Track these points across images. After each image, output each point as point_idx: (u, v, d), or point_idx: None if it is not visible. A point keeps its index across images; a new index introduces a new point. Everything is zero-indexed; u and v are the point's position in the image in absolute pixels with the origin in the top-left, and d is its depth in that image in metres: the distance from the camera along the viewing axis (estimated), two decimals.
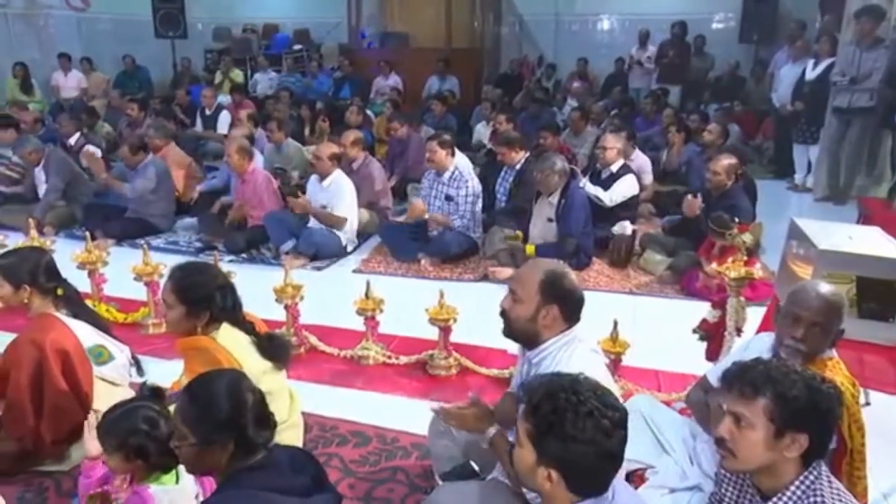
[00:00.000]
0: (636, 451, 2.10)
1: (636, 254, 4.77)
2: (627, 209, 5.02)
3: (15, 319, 3.50)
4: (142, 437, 1.80)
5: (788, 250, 2.82)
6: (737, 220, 3.56)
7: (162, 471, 1.84)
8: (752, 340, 2.26)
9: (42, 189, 5.45)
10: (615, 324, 2.85)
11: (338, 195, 4.82)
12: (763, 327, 2.83)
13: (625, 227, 4.71)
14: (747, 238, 3.17)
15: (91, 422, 1.96)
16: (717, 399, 1.80)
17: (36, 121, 6.78)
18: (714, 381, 2.09)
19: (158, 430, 1.82)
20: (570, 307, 1.88)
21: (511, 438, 1.91)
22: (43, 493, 2.33)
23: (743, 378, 1.49)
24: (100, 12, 11.17)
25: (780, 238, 3.00)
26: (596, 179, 5.13)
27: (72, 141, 6.36)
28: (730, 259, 2.88)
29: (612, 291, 4.30)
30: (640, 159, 6.03)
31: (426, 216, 4.82)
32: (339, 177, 4.88)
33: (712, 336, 2.92)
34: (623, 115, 8.27)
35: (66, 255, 3.58)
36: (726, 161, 4.37)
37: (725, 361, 2.05)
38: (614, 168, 5.05)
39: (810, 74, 6.81)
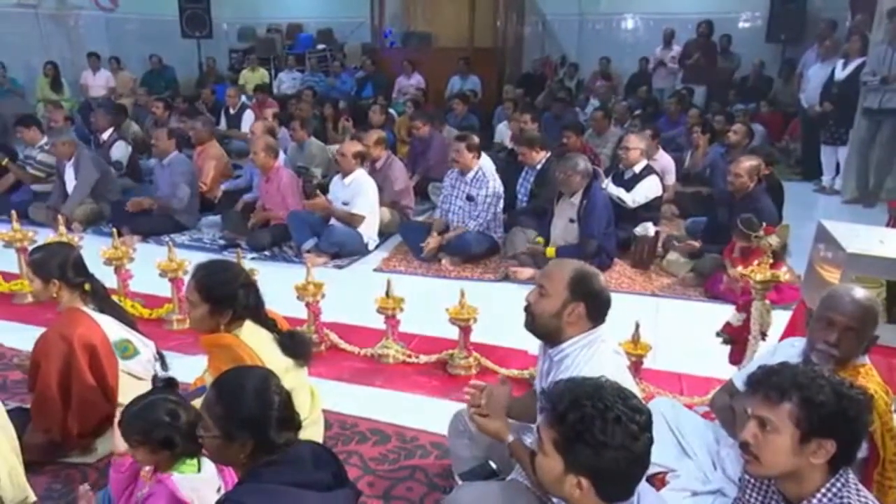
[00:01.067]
0: (658, 454, 2.08)
1: (659, 255, 4.73)
2: (650, 210, 4.97)
3: (44, 314, 3.59)
4: (165, 429, 1.82)
5: (816, 253, 2.77)
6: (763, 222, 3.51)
7: (187, 456, 1.87)
8: (780, 345, 2.23)
9: (71, 186, 5.55)
10: (637, 326, 2.83)
11: (358, 193, 4.84)
12: (788, 331, 2.78)
13: (647, 229, 4.66)
14: (773, 240, 3.12)
15: (118, 419, 1.99)
16: (743, 403, 1.78)
17: (66, 119, 6.91)
18: (740, 384, 2.07)
19: (180, 420, 1.85)
20: (596, 307, 1.86)
21: (528, 440, 1.91)
22: (69, 485, 2.37)
23: (769, 382, 1.46)
24: (128, 12, 11.38)
25: (807, 241, 2.95)
26: (618, 180, 5.09)
27: (104, 136, 6.48)
28: (755, 261, 2.83)
29: (633, 293, 4.26)
30: (665, 160, 5.98)
31: (444, 240, 4.79)
32: (360, 175, 4.90)
33: (736, 340, 2.87)
34: (647, 115, 8.20)
35: (94, 251, 3.64)
36: (748, 163, 4.31)
37: (751, 365, 2.03)
38: (637, 169, 5.00)
39: (840, 74, 6.69)
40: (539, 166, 5.20)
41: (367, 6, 11.30)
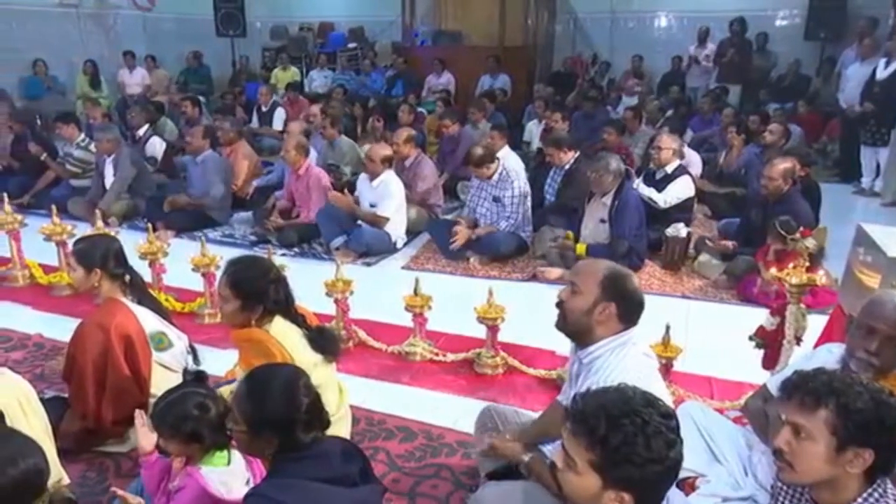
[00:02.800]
0: (688, 458, 2.05)
1: (690, 257, 4.66)
2: (682, 211, 4.90)
3: (81, 305, 3.69)
4: (195, 423, 1.85)
5: (854, 257, 2.70)
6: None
7: (216, 448, 1.90)
8: (817, 350, 2.18)
9: (109, 181, 5.68)
10: (667, 328, 2.79)
11: (385, 195, 4.86)
12: (824, 337, 2.72)
13: (679, 230, 4.60)
14: (810, 243, 3.05)
15: (141, 420, 2.02)
16: (777, 409, 1.74)
17: (104, 116, 7.07)
18: (774, 389, 2.02)
19: (209, 413, 1.87)
20: (627, 308, 1.84)
21: (548, 450, 1.89)
22: (103, 473, 2.43)
23: (804, 388, 1.43)
24: (164, 11, 11.60)
25: (845, 244, 2.88)
26: (650, 180, 5.02)
27: (140, 132, 6.63)
28: (791, 264, 2.77)
29: (664, 295, 4.20)
30: (690, 156, 5.88)
31: (473, 236, 4.76)
32: (388, 177, 4.91)
33: (770, 344, 2.81)
34: (680, 114, 8.08)
35: (129, 245, 3.69)
36: (782, 166, 4.22)
37: (787, 370, 1.98)
38: (669, 169, 4.93)
39: (881, 74, 6.51)
40: (567, 166, 5.16)
41: (399, 5, 11.33)
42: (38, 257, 4.33)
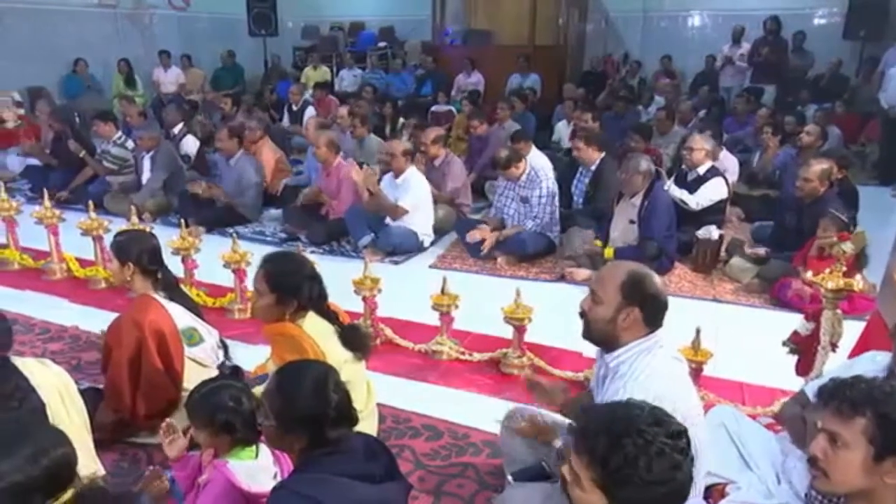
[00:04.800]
0: (718, 464, 2.02)
1: (722, 260, 4.58)
2: (714, 213, 4.82)
3: (116, 299, 3.78)
4: (228, 414, 1.88)
5: (894, 263, 2.63)
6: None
7: (245, 443, 1.93)
8: (859, 358, 2.12)
9: (145, 177, 5.82)
10: (697, 331, 2.74)
11: (406, 189, 4.87)
12: (861, 344, 2.65)
13: (710, 232, 4.52)
14: (848, 247, 2.97)
15: (167, 427, 2.05)
16: (813, 415, 1.70)
17: (139, 114, 7.23)
18: (812, 395, 1.98)
19: (242, 406, 1.91)
20: (651, 310, 1.81)
21: None
22: (136, 463, 2.49)
23: (841, 395, 1.40)
24: (198, 11, 11.80)
25: (884, 249, 2.81)
26: (681, 181, 4.95)
27: (175, 130, 6.75)
28: (827, 269, 2.71)
29: (694, 298, 4.14)
30: (728, 160, 5.77)
31: (500, 237, 4.74)
32: (412, 174, 4.92)
33: (804, 350, 2.75)
34: (713, 115, 7.94)
35: (162, 240, 3.77)
36: (818, 167, 4.12)
37: (826, 377, 1.93)
38: (701, 170, 4.85)
39: None
40: (594, 167, 5.11)
41: (429, 4, 11.35)
42: (76, 251, 4.44)
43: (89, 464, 2.06)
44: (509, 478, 2.20)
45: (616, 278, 1.81)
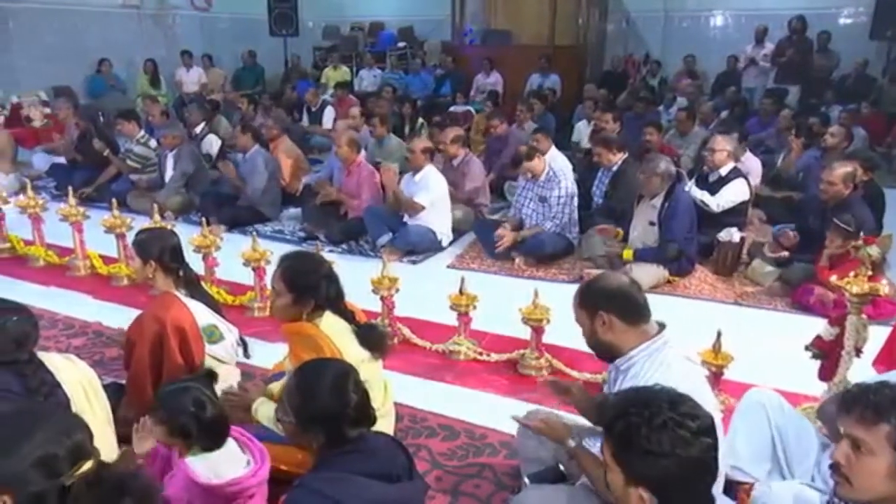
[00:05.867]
0: (749, 457, 2.00)
1: (743, 262, 4.52)
2: (736, 215, 4.76)
3: (138, 296, 3.83)
4: (187, 418, 1.87)
5: None
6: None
7: (202, 449, 1.90)
8: None
9: (168, 175, 5.90)
10: (718, 334, 2.72)
11: (423, 186, 4.88)
12: (886, 350, 2.60)
13: (732, 234, 4.47)
14: (873, 251, 2.92)
15: (142, 424, 2.05)
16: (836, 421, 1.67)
17: (162, 113, 7.32)
18: None
19: (204, 412, 1.88)
20: (623, 306, 1.82)
21: (589, 445, 1.87)
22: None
23: (865, 401, 1.37)
24: (220, 12, 11.93)
25: None
26: (703, 183, 4.89)
27: (197, 130, 6.84)
28: (852, 273, 2.66)
29: (714, 301, 4.10)
30: (751, 162, 5.69)
31: (519, 237, 4.73)
32: (429, 171, 4.93)
33: (828, 355, 2.71)
34: (736, 115, 7.85)
35: (184, 238, 3.81)
36: (841, 170, 4.06)
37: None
38: (723, 171, 4.79)
39: None
40: (615, 168, 5.08)
41: (449, 4, 11.36)
42: (99, 248, 4.51)
43: (112, 458, 2.09)
44: (526, 479, 2.20)
45: (576, 299, 1.91)
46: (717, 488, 1.76)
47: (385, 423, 2.36)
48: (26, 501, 1.22)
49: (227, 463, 1.90)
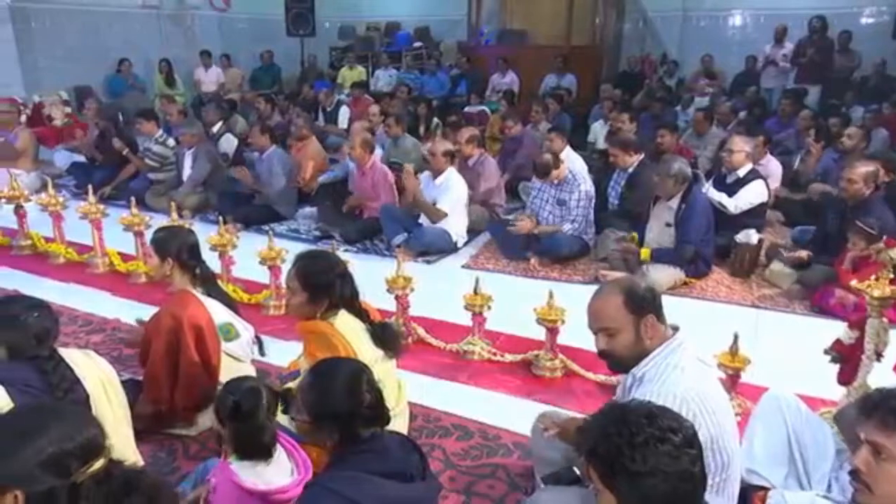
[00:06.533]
0: (764, 460, 1.98)
1: (761, 265, 4.47)
2: (754, 216, 4.70)
3: (156, 293, 3.86)
4: (226, 411, 1.86)
5: None
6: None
7: (256, 457, 1.89)
8: None
9: (186, 174, 5.95)
10: (735, 337, 2.69)
11: (445, 191, 4.87)
12: None
13: (750, 236, 4.42)
14: (895, 254, 2.88)
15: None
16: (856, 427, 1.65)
17: (180, 113, 7.40)
18: None
19: (253, 418, 1.85)
20: (657, 306, 1.82)
21: None
22: (173, 454, 2.54)
23: (886, 406, 1.36)
24: (238, 12, 12.02)
25: None
26: (720, 184, 4.85)
27: (214, 129, 6.90)
28: (873, 275, 2.62)
29: (731, 303, 4.06)
30: (771, 165, 5.63)
31: (536, 230, 4.72)
32: (451, 174, 4.93)
33: (847, 359, 2.67)
34: (755, 116, 7.76)
35: (201, 237, 3.84)
36: (863, 168, 4.00)
37: None
38: (741, 173, 4.74)
39: None
40: (631, 169, 5.05)
41: (465, 4, 11.36)
42: (118, 246, 4.56)
43: (129, 454, 2.11)
44: (540, 480, 2.19)
45: (615, 303, 1.80)
46: (734, 494, 1.74)
47: (399, 423, 2.37)
48: (36, 499, 1.23)
49: (275, 469, 1.90)
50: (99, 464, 1.28)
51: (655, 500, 1.24)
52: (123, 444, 2.09)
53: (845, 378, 2.69)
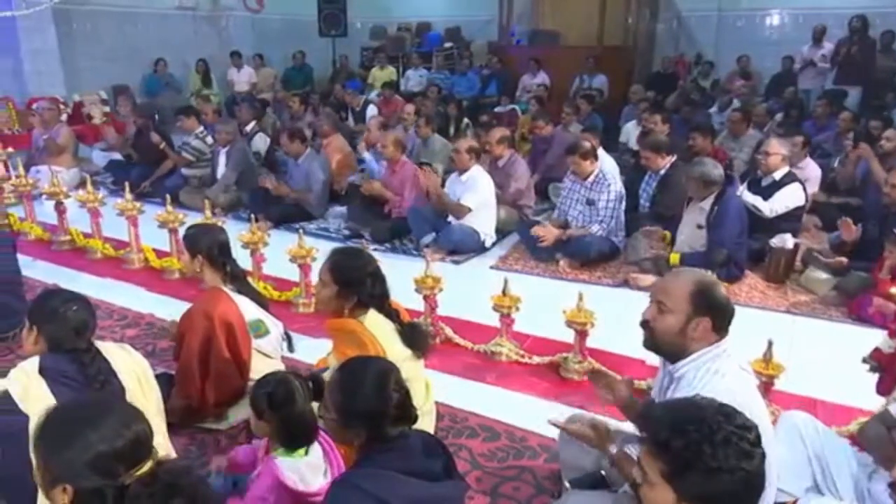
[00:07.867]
0: (787, 478, 1.93)
1: (797, 270, 4.37)
2: (790, 221, 4.60)
3: (189, 289, 3.93)
4: (265, 400, 1.92)
5: None
6: None
7: (290, 449, 1.94)
8: None
9: (220, 171, 6.06)
10: (769, 344, 2.63)
11: (470, 188, 4.86)
12: None
13: (785, 241, 4.32)
14: None
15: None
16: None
17: (214, 112, 7.52)
18: None
19: (291, 405, 1.91)
20: (721, 319, 1.76)
21: (631, 451, 1.84)
22: (203, 448, 2.59)
23: None
24: (271, 13, 12.17)
25: None
26: (756, 187, 4.75)
27: (248, 128, 7.01)
28: None
29: (765, 309, 3.98)
30: (810, 168, 5.49)
31: (563, 237, 4.68)
32: (476, 171, 4.92)
33: (886, 368, 2.59)
34: (791, 118, 7.59)
35: (232, 234, 3.90)
36: None
37: None
38: (777, 175, 4.64)
39: None
40: (663, 171, 4.98)
41: (496, 4, 11.34)
42: (153, 242, 4.66)
43: (162, 446, 2.15)
44: (567, 484, 2.18)
45: (684, 287, 1.76)
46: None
47: (426, 422, 2.37)
48: (85, 495, 1.26)
49: (312, 470, 1.93)
50: (147, 467, 1.31)
51: (720, 498, 1.23)
52: (157, 437, 2.12)
53: (884, 388, 2.61)
